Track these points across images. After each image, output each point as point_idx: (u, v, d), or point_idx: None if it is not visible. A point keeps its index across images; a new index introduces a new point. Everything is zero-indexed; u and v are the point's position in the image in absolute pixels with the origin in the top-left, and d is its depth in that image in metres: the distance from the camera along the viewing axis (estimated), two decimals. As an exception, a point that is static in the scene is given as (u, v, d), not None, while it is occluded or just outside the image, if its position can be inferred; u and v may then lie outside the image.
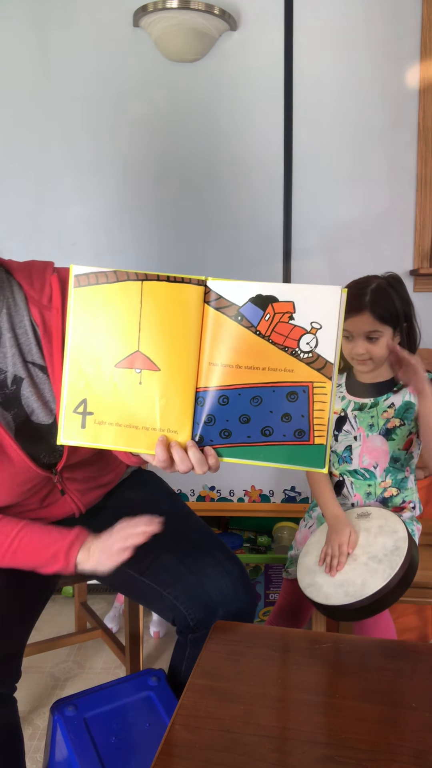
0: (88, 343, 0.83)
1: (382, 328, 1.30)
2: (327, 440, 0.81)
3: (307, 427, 0.81)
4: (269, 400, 0.82)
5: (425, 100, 1.94)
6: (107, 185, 1.98)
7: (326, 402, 0.81)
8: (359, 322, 1.30)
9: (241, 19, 1.91)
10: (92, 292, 0.83)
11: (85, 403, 0.84)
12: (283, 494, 1.84)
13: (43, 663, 1.70)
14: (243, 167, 1.98)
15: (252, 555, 1.85)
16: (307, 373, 0.81)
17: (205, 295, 0.82)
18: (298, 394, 0.81)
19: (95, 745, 0.98)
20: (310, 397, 0.81)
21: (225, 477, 1.82)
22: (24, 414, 1.00)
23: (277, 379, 0.81)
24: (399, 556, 1.19)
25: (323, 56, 1.93)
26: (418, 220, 2.00)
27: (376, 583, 1.17)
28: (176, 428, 0.83)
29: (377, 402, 1.36)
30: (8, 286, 1.00)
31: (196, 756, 0.74)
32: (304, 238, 2.01)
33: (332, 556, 1.25)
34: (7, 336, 0.98)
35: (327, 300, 0.80)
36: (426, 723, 0.79)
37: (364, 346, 1.31)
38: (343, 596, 1.18)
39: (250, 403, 0.82)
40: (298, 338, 0.80)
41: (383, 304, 1.30)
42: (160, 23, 1.80)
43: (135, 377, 0.83)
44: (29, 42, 1.91)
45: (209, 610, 1.06)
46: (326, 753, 0.74)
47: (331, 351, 0.80)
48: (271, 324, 0.81)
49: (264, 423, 0.82)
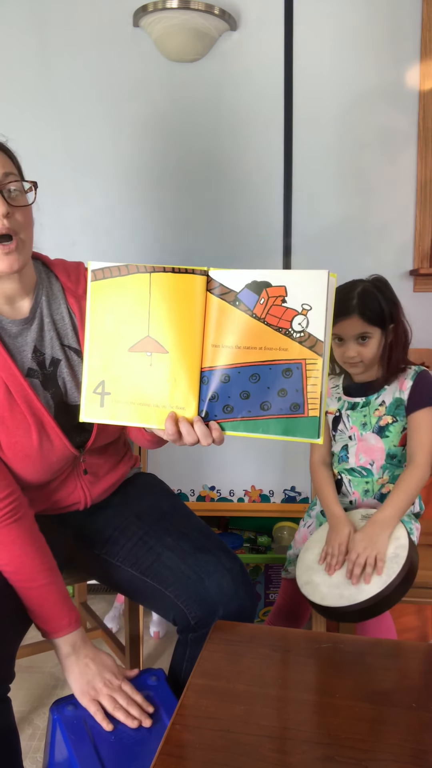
0: (104, 331, 0.92)
1: (371, 330, 1.33)
2: (320, 412, 0.87)
3: (301, 401, 0.88)
4: (266, 377, 0.89)
5: (425, 100, 1.94)
6: (107, 185, 1.98)
7: (318, 377, 0.87)
8: (348, 325, 1.32)
9: (241, 19, 1.91)
10: (107, 284, 0.93)
11: (103, 384, 0.93)
12: (283, 494, 1.84)
13: (43, 663, 1.69)
14: (243, 167, 1.98)
15: (252, 555, 1.85)
16: (299, 351, 0.87)
17: (208, 284, 0.89)
18: (293, 371, 0.88)
19: (95, 744, 0.98)
20: (304, 373, 0.88)
21: (225, 477, 1.82)
22: (60, 393, 1.08)
23: (273, 357, 0.88)
24: (397, 564, 1.19)
25: (323, 56, 1.93)
26: (418, 220, 2.00)
27: (371, 589, 1.17)
28: (183, 405, 0.91)
29: (368, 401, 1.38)
30: (46, 277, 1.11)
31: (196, 756, 0.74)
32: (304, 238, 2.01)
33: (331, 555, 1.25)
34: (47, 321, 1.08)
35: (315, 283, 0.86)
36: (426, 723, 0.79)
37: (355, 349, 1.33)
38: (337, 598, 1.18)
39: (249, 380, 0.89)
40: (290, 319, 0.87)
41: (370, 306, 1.32)
42: (160, 23, 1.80)
43: (146, 360, 0.91)
44: (29, 42, 1.91)
45: (210, 609, 1.06)
46: (326, 753, 0.74)
47: (321, 330, 0.87)
48: (265, 307, 0.88)
49: (262, 398, 0.89)
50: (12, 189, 0.97)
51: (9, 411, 1.01)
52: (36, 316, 1.08)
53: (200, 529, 1.19)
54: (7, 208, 0.95)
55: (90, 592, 1.98)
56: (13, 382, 1.02)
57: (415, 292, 2.05)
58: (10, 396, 1.01)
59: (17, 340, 1.07)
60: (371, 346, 1.34)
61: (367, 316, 1.31)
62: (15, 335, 1.06)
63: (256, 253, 2.02)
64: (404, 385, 1.37)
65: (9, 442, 1.02)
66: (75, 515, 1.21)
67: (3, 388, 1.01)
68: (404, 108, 1.95)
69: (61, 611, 1.01)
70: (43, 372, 1.07)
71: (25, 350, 1.07)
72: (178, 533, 1.15)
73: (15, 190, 0.97)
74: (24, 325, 1.07)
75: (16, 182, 0.97)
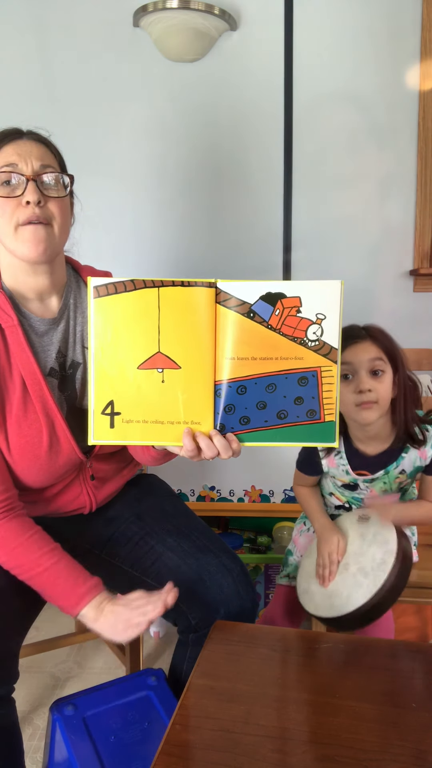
0: (110, 349, 0.91)
1: (385, 360, 1.20)
2: (336, 417, 0.91)
3: (317, 407, 0.92)
4: (282, 386, 0.91)
5: (425, 100, 1.94)
6: (107, 185, 1.97)
7: (333, 383, 0.91)
8: (361, 350, 1.19)
9: (241, 19, 1.91)
10: (111, 301, 0.90)
11: (112, 404, 0.92)
12: (283, 494, 1.84)
13: (43, 663, 1.69)
14: (243, 167, 1.98)
15: (252, 555, 1.85)
16: (315, 359, 0.91)
17: (218, 296, 0.89)
18: (308, 379, 0.91)
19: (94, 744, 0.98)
20: (319, 380, 0.91)
21: (225, 477, 1.82)
22: (75, 396, 1.08)
23: (288, 366, 0.91)
24: (383, 572, 1.13)
25: (323, 56, 1.93)
26: (418, 220, 2.00)
27: (357, 600, 1.13)
28: (199, 419, 0.91)
29: (388, 471, 1.27)
30: (75, 281, 1.14)
31: (196, 756, 0.74)
32: (304, 238, 2.01)
33: (323, 566, 1.22)
34: (72, 324, 1.10)
35: (329, 293, 0.90)
36: (426, 723, 0.79)
37: (369, 382, 1.17)
38: (328, 608, 1.16)
39: (266, 390, 0.91)
40: (305, 329, 0.90)
41: (380, 335, 1.22)
42: (160, 23, 1.80)
43: (158, 376, 0.91)
44: (29, 42, 1.91)
45: (211, 609, 1.06)
46: (326, 753, 0.74)
47: (335, 338, 0.91)
48: (281, 318, 0.90)
49: (279, 407, 0.91)
50: (47, 180, 1.00)
51: (23, 410, 1.01)
52: (63, 317, 1.10)
53: (201, 529, 1.19)
54: (39, 197, 0.97)
55: (90, 592, 1.98)
56: (33, 380, 1.02)
57: (415, 292, 2.05)
58: (26, 394, 1.02)
59: (44, 339, 1.07)
60: (386, 382, 1.19)
61: (380, 342, 1.20)
62: (42, 334, 1.07)
63: (257, 253, 2.02)
64: (425, 454, 1.25)
65: (19, 442, 1.02)
66: (81, 517, 1.21)
67: (20, 386, 1.01)
68: (404, 108, 1.95)
69: (73, 587, 0.99)
70: (63, 374, 1.08)
71: (50, 350, 1.07)
72: (179, 534, 1.15)
73: (51, 182, 1.00)
74: (52, 325, 1.08)
75: (53, 173, 1.00)
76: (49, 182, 1.00)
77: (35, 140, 1.03)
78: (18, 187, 0.98)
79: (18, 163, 0.98)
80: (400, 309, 2.06)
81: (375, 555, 1.17)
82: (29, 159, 0.99)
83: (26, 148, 1.00)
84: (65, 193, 1.03)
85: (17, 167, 0.98)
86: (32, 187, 0.97)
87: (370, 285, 2.05)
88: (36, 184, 0.98)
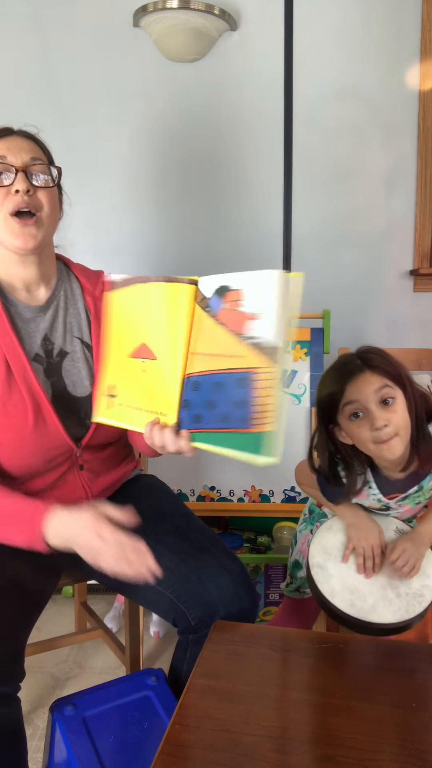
0: (114, 338, 0.97)
1: (391, 386, 1.08)
2: (275, 427, 0.80)
3: (250, 413, 0.81)
4: (227, 386, 0.83)
5: (425, 100, 1.94)
6: (107, 185, 1.98)
7: (271, 387, 0.80)
8: (363, 383, 1.08)
9: (241, 19, 1.91)
10: (118, 294, 0.97)
11: (111, 388, 0.97)
12: (283, 494, 1.84)
13: (43, 663, 1.69)
14: (243, 167, 1.98)
15: (252, 555, 1.85)
16: (254, 358, 0.81)
17: (197, 293, 0.89)
18: (247, 380, 0.82)
19: (94, 744, 0.98)
20: (257, 382, 0.81)
21: (225, 477, 1.82)
22: (62, 384, 1.11)
23: (232, 365, 0.83)
24: (419, 604, 1.10)
25: (323, 56, 1.93)
26: (418, 220, 2.00)
27: (386, 616, 1.08)
28: (166, 411, 0.91)
29: (422, 486, 1.20)
30: (67, 276, 1.18)
31: (196, 756, 0.74)
32: (304, 238, 2.01)
33: (367, 558, 1.13)
34: (61, 314, 1.14)
35: (266, 285, 0.81)
36: (426, 723, 0.79)
37: (382, 416, 1.07)
38: (347, 604, 1.11)
39: (214, 388, 0.85)
40: (246, 324, 0.82)
41: (379, 360, 1.10)
42: (160, 23, 1.80)
43: (141, 366, 0.93)
44: (29, 42, 1.91)
45: (210, 610, 1.06)
46: (326, 753, 0.74)
47: (273, 334, 0.80)
48: (227, 312, 0.84)
49: (224, 409, 0.84)
50: (35, 171, 1.05)
51: (7, 391, 1.03)
52: (51, 307, 1.13)
53: (200, 530, 1.19)
54: (27, 186, 1.03)
55: (90, 592, 1.98)
56: (16, 362, 1.04)
57: (415, 292, 2.05)
58: (10, 376, 1.04)
59: (29, 325, 1.10)
60: (399, 409, 1.08)
61: (381, 368, 1.09)
62: (28, 320, 1.10)
63: (256, 253, 2.02)
64: None
65: (4, 422, 1.03)
66: None
67: (4, 367, 1.04)
68: (404, 108, 1.95)
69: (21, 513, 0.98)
70: (49, 360, 1.10)
71: (35, 336, 1.10)
72: (179, 534, 1.15)
73: (39, 173, 1.06)
74: (38, 313, 1.11)
75: (42, 166, 1.06)
76: (37, 174, 1.06)
77: (24, 136, 1.09)
78: (8, 178, 1.03)
79: (8, 156, 1.04)
80: (400, 309, 2.06)
81: (411, 581, 1.13)
82: (19, 153, 1.04)
83: (16, 143, 1.06)
84: (53, 184, 1.08)
85: (7, 159, 1.03)
86: (21, 177, 1.03)
87: (370, 285, 2.05)
88: (25, 175, 1.03)
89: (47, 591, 1.11)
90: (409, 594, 1.12)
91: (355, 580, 1.15)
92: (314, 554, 1.19)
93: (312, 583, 1.16)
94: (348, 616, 1.10)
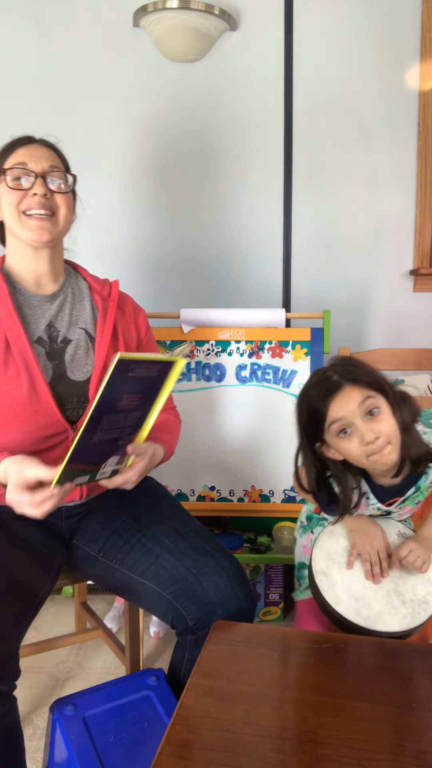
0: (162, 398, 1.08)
1: (374, 395, 1.06)
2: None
3: None
4: None
5: (425, 100, 1.94)
6: (107, 185, 1.98)
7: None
8: (344, 399, 1.06)
9: (241, 19, 1.91)
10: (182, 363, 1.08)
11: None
12: (283, 494, 1.84)
13: (43, 663, 1.69)
14: (243, 167, 1.98)
15: (252, 555, 1.85)
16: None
17: None
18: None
19: (94, 744, 0.98)
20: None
21: (225, 477, 1.82)
22: (63, 368, 1.16)
23: None
24: (424, 611, 1.09)
25: (323, 56, 1.93)
26: (418, 220, 2.00)
27: (392, 625, 1.07)
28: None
29: (419, 486, 1.19)
30: (75, 276, 1.27)
31: (196, 756, 0.74)
32: (304, 238, 2.01)
33: (373, 563, 1.12)
34: (68, 307, 1.21)
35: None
36: (426, 723, 0.79)
37: (371, 429, 1.05)
38: (353, 612, 1.09)
39: None
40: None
41: (353, 371, 1.08)
42: (160, 23, 1.80)
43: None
44: (29, 41, 1.91)
45: (208, 610, 1.06)
46: (326, 753, 0.74)
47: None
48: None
49: None
50: (53, 178, 1.15)
51: (4, 366, 1.08)
52: (58, 299, 1.20)
53: (198, 530, 1.19)
54: (45, 191, 1.13)
55: (90, 592, 1.98)
56: (17, 342, 1.10)
57: (415, 292, 2.05)
58: (8, 350, 1.09)
59: (35, 311, 1.17)
60: (386, 418, 1.06)
61: (361, 380, 1.07)
62: (33, 306, 1.18)
63: (257, 253, 2.02)
64: None
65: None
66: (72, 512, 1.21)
67: (3, 342, 1.09)
68: (404, 108, 1.95)
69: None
70: (53, 345, 1.17)
71: (40, 322, 1.17)
72: (176, 535, 1.15)
73: (56, 179, 1.16)
74: (45, 302, 1.19)
75: (59, 173, 1.17)
76: (54, 180, 1.15)
77: (44, 145, 1.19)
78: (27, 182, 1.14)
79: (29, 162, 1.14)
80: (400, 309, 2.06)
81: (416, 588, 1.12)
82: (39, 160, 1.15)
83: (36, 152, 1.16)
84: (68, 190, 1.18)
85: (27, 166, 1.14)
86: (40, 182, 1.13)
87: (370, 285, 2.05)
88: (43, 181, 1.14)
89: (45, 589, 1.11)
90: (414, 601, 1.11)
91: (360, 587, 1.13)
92: (317, 560, 1.18)
93: (316, 591, 1.15)
94: (354, 624, 1.09)
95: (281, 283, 2.03)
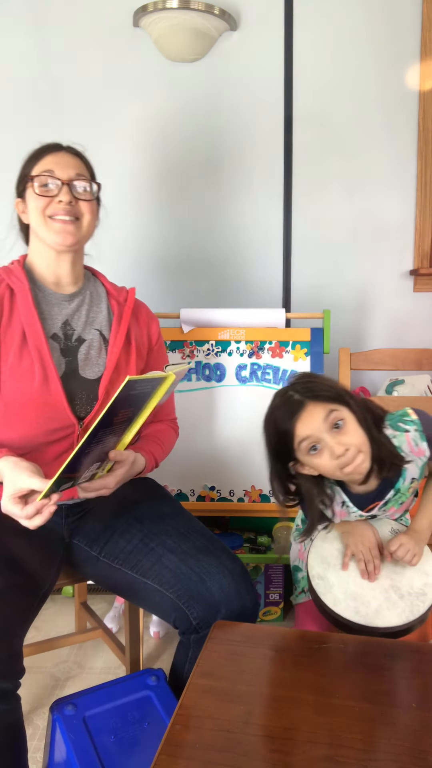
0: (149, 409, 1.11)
1: (336, 407, 1.07)
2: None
3: None
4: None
5: (425, 100, 1.94)
6: (107, 185, 1.96)
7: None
8: (308, 417, 1.07)
9: (241, 19, 1.91)
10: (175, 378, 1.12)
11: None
12: (283, 494, 1.84)
13: (43, 663, 1.69)
14: (243, 167, 1.98)
15: (252, 555, 1.85)
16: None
17: None
18: None
19: (94, 744, 0.98)
20: None
21: (225, 477, 1.82)
22: (75, 365, 1.19)
23: None
24: (423, 603, 1.09)
25: (323, 56, 1.93)
26: (418, 220, 2.00)
27: (391, 620, 1.07)
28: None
29: (397, 489, 1.18)
30: (93, 280, 1.31)
31: (196, 756, 0.74)
32: (304, 238, 2.01)
33: (367, 561, 1.13)
34: (85, 309, 1.25)
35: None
36: (426, 723, 0.79)
37: (339, 442, 1.06)
38: (352, 612, 1.09)
39: None
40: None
41: (313, 387, 1.09)
42: (160, 23, 1.80)
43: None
44: (29, 42, 1.91)
45: (212, 609, 1.06)
46: (326, 753, 0.74)
47: None
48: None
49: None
50: (78, 185, 1.19)
51: (19, 357, 1.12)
52: (76, 300, 1.24)
53: (200, 530, 1.19)
54: (70, 198, 1.17)
55: (90, 592, 1.98)
56: (33, 335, 1.13)
57: (415, 292, 2.05)
58: (24, 345, 1.13)
59: (53, 308, 1.21)
60: (351, 428, 1.07)
61: (321, 395, 1.07)
62: (52, 304, 1.21)
63: (257, 253, 2.02)
64: (421, 449, 1.16)
65: (11, 387, 1.11)
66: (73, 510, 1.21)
67: (20, 335, 1.13)
68: (404, 108, 1.95)
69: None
70: (67, 343, 1.20)
71: (57, 319, 1.21)
72: (179, 535, 1.15)
73: (82, 187, 1.19)
74: (63, 301, 1.23)
75: (85, 181, 1.20)
76: (80, 187, 1.19)
77: (71, 153, 1.23)
78: (53, 189, 1.17)
79: (55, 170, 1.18)
80: (400, 309, 2.06)
81: (413, 581, 1.12)
82: (65, 168, 1.18)
83: (63, 159, 1.20)
84: (93, 198, 1.22)
85: (54, 173, 1.17)
86: (66, 189, 1.17)
87: (370, 285, 2.05)
88: (69, 188, 1.17)
89: (47, 586, 1.11)
90: (412, 594, 1.11)
91: (357, 587, 1.13)
92: (313, 565, 1.18)
93: (314, 595, 1.15)
94: (353, 623, 1.09)
95: (281, 283, 2.03)
